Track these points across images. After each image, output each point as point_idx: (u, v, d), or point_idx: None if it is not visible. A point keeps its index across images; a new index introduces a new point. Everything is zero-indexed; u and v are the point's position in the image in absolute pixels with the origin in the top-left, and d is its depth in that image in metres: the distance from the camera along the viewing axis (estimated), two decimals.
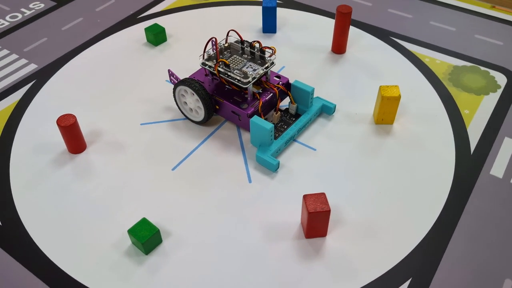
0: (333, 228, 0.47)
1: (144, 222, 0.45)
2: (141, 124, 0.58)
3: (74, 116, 0.53)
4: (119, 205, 0.49)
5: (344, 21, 0.65)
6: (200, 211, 0.49)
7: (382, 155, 0.54)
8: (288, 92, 0.57)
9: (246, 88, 0.53)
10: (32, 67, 0.67)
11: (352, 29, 0.73)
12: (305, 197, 0.44)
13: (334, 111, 0.59)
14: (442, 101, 0.60)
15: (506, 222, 0.48)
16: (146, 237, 0.44)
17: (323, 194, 0.44)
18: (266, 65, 0.54)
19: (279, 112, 0.56)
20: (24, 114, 0.60)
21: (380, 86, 0.55)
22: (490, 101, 0.60)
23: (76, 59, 0.69)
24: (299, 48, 0.69)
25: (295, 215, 0.48)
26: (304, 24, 0.74)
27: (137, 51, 0.69)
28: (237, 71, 0.53)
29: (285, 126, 0.56)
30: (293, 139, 0.56)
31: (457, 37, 0.71)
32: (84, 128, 0.57)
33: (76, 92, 0.63)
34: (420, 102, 0.60)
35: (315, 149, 0.55)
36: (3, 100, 0.62)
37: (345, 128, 0.57)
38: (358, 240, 0.46)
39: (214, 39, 0.55)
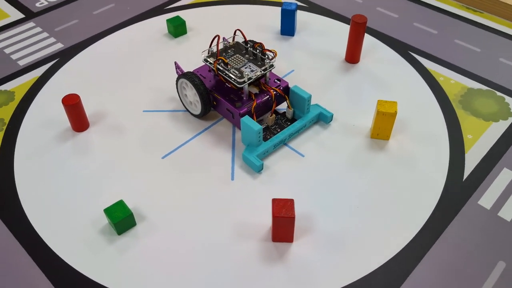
0: (302, 235, 0.47)
1: (120, 204, 0.47)
2: (143, 111, 0.61)
3: (78, 96, 0.56)
4: (105, 184, 0.52)
5: (358, 31, 0.64)
6: (178, 201, 0.51)
7: (370, 170, 0.53)
8: (286, 96, 0.57)
9: (242, 88, 0.54)
10: (58, 46, 0.72)
11: (371, 40, 0.72)
12: (273, 201, 0.45)
13: (331, 120, 0.59)
14: (446, 122, 0.59)
15: (481, 255, 0.46)
16: (118, 218, 0.46)
17: (292, 200, 0.45)
18: (265, 67, 0.55)
19: (274, 115, 0.56)
20: (41, 90, 0.64)
21: (378, 100, 0.55)
22: (497, 129, 0.58)
23: (99, 42, 0.72)
24: (313, 54, 0.69)
25: (268, 217, 0.49)
26: (324, 29, 0.74)
27: (157, 41, 0.72)
28: (235, 70, 0.54)
29: (279, 129, 0.56)
30: (283, 143, 0.56)
31: (479, 59, 0.68)
32: (91, 108, 0.61)
33: (91, 74, 0.67)
34: (423, 121, 0.59)
35: (303, 155, 0.55)
36: (25, 75, 0.67)
37: (339, 138, 0.57)
38: (324, 250, 0.46)
39: (217, 36, 0.56)
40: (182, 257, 0.46)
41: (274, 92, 0.56)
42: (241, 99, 0.56)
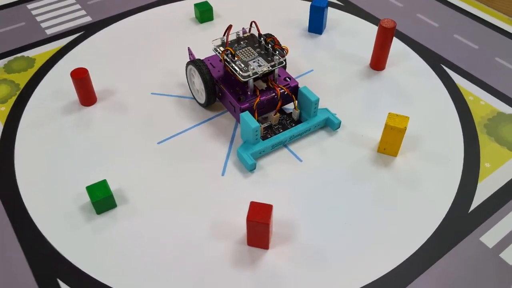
0: (281, 243, 0.45)
1: (102, 184, 0.47)
2: (151, 93, 0.60)
3: (86, 71, 0.56)
4: (96, 161, 0.52)
5: (385, 36, 0.60)
6: (163, 190, 0.50)
7: (369, 185, 0.50)
8: (293, 96, 0.54)
9: (246, 82, 0.52)
10: (87, 19, 0.72)
11: (402, 47, 0.67)
12: (251, 204, 0.43)
13: (339, 127, 0.55)
14: (465, 146, 0.54)
15: None
16: (98, 198, 0.46)
17: (270, 206, 0.42)
18: (273, 64, 0.52)
19: (278, 114, 0.54)
20: (60, 61, 0.65)
21: (389, 113, 0.51)
22: None
23: (126, 20, 0.72)
24: (337, 55, 0.66)
25: None
26: (354, 31, 0.70)
27: (181, 24, 0.71)
28: (241, 63, 0.52)
29: (281, 130, 0.54)
30: (283, 144, 0.54)
31: None
32: (102, 84, 0.61)
33: (110, 50, 0.67)
34: (439, 141, 0.54)
35: (301, 160, 0.52)
36: (49, 44, 0.68)
37: (343, 147, 0.54)
38: (301, 264, 0.44)
39: (230, 26, 0.54)
40: (154, 246, 0.45)
41: (281, 91, 0.53)
42: (246, 93, 0.54)
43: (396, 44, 0.68)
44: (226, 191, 0.50)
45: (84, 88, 0.57)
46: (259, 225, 0.42)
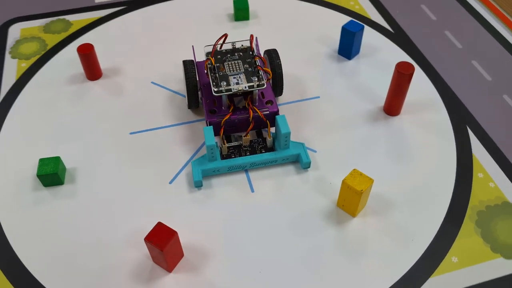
0: (185, 270, 0.43)
1: (55, 160, 0.49)
2: (151, 82, 0.61)
3: (92, 47, 0.58)
4: (67, 136, 0.54)
5: (401, 82, 0.53)
6: (111, 180, 0.50)
7: (307, 241, 0.45)
8: (268, 122, 0.51)
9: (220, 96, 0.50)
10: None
11: (434, 94, 0.59)
12: (158, 224, 0.41)
13: (309, 167, 0.51)
14: (440, 230, 0.46)
15: None
16: (43, 172, 0.48)
17: (174, 233, 0.41)
18: (251, 84, 0.49)
19: (248, 136, 0.51)
20: (90, 31, 0.68)
21: (354, 170, 0.45)
22: (502, 266, 0.43)
23: (162, 4, 0.73)
24: (354, 87, 0.60)
25: None
26: (389, 64, 0.62)
27: (216, 18, 0.70)
28: (219, 76, 0.50)
29: (248, 153, 0.51)
30: (243, 169, 0.51)
31: None
32: (113, 63, 0.63)
33: (136, 31, 0.68)
34: (413, 216, 0.47)
35: (253, 191, 0.49)
36: (90, 12, 0.71)
37: (303, 190, 0.49)
38: None
39: (225, 35, 0.52)
40: (71, 233, 0.46)
41: (255, 113, 0.50)
42: (221, 108, 0.52)
43: (428, 89, 0.59)
44: (165, 200, 0.49)
45: (87, 63, 0.59)
46: (155, 249, 0.40)
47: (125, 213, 0.48)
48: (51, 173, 0.48)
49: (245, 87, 0.49)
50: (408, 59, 0.64)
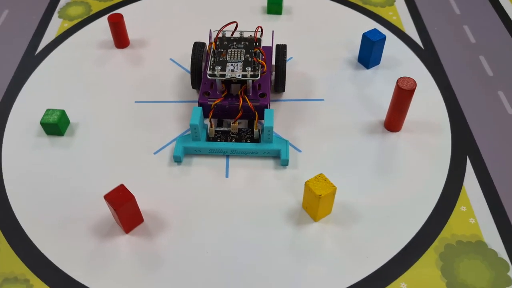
0: (137, 233, 0.46)
1: (60, 112, 0.54)
2: (170, 59, 0.64)
3: (121, 17, 0.63)
4: (81, 93, 0.59)
5: (401, 98, 0.51)
6: (103, 137, 0.54)
7: (259, 232, 0.46)
8: (256, 113, 0.52)
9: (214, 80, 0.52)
10: None
11: (443, 114, 0.56)
12: (120, 186, 0.44)
13: (286, 165, 0.51)
14: (398, 257, 0.44)
15: None
16: (45, 120, 0.53)
17: (131, 197, 0.43)
18: (244, 74, 0.50)
19: (236, 123, 0.52)
20: (121, 8, 0.73)
21: (320, 174, 0.45)
22: None
23: None
24: (363, 98, 0.58)
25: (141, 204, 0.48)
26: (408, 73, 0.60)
27: (248, 9, 0.71)
28: (217, 61, 0.52)
29: (233, 140, 0.52)
30: (224, 153, 0.52)
31: None
32: (139, 35, 0.67)
33: (166, 12, 0.71)
34: (373, 236, 0.46)
35: (227, 177, 0.51)
36: None
37: (275, 185, 0.50)
38: (140, 259, 0.44)
39: (235, 23, 0.54)
40: (57, 180, 0.50)
41: (244, 103, 0.51)
42: (215, 92, 0.53)
43: (440, 112, 0.57)
44: (144, 168, 0.51)
45: (115, 32, 0.64)
46: (111, 208, 0.43)
47: (105, 172, 0.51)
48: (52, 123, 0.53)
49: (239, 75, 0.50)
50: (429, 79, 0.61)
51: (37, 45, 0.67)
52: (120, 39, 0.65)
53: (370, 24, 0.69)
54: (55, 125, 0.53)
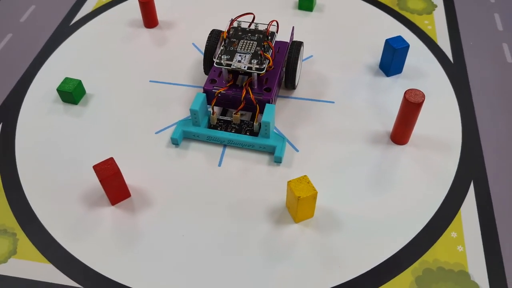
0: (123, 208, 0.47)
1: (76, 82, 0.57)
2: (192, 44, 0.65)
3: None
4: (102, 67, 0.61)
5: (409, 110, 0.49)
6: (112, 114, 0.56)
7: (236, 224, 0.46)
8: (258, 106, 0.52)
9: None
10: None
11: (456, 132, 0.53)
12: (110, 159, 0.46)
13: (280, 162, 0.51)
14: (368, 274, 0.43)
15: None
16: (62, 88, 0.56)
17: (118, 173, 0.45)
18: (250, 66, 0.50)
19: (238, 114, 0.53)
20: None
21: (304, 176, 0.44)
22: None
23: None
24: (374, 106, 0.56)
25: (133, 181, 0.50)
26: (428, 93, 0.57)
27: (279, 3, 0.71)
28: (227, 50, 0.52)
29: (233, 131, 0.53)
30: (221, 142, 0.52)
31: None
32: (169, 17, 0.69)
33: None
34: (350, 247, 0.45)
35: (219, 166, 0.51)
36: None
37: (265, 181, 0.49)
38: (119, 240, 0.46)
39: (252, 15, 0.54)
40: (62, 146, 0.53)
41: (247, 95, 0.51)
42: (222, 80, 0.53)
43: (455, 131, 0.54)
44: (142, 145, 0.53)
45: (144, 11, 0.65)
46: (97, 177, 0.45)
47: (106, 144, 0.53)
48: (67, 91, 0.56)
49: (244, 67, 0.50)
50: (452, 96, 0.58)
51: (73, 16, 0.70)
52: (149, 19, 0.66)
53: (401, 31, 0.66)
54: (70, 94, 0.56)
